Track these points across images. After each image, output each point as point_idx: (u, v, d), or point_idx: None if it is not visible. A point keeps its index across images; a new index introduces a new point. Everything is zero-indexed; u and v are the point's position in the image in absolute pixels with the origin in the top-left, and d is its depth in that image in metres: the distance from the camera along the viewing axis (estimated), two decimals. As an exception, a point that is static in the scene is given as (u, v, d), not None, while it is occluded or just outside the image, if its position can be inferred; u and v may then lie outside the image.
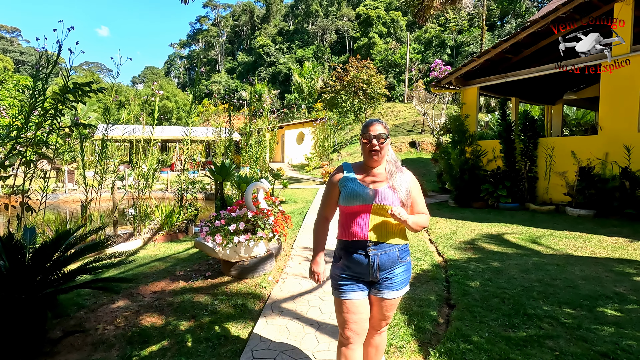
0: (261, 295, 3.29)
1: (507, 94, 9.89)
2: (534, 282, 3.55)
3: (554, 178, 7.16)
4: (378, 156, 1.71)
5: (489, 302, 3.15)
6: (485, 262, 4.21)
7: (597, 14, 6.80)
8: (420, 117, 23.67)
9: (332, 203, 1.83)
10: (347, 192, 1.71)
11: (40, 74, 4.60)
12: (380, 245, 1.67)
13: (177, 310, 3.00)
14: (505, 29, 41.53)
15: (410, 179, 1.78)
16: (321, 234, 1.83)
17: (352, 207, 1.69)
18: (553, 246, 4.82)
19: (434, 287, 3.58)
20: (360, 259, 1.67)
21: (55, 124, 4.80)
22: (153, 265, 4.18)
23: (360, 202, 1.67)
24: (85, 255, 2.57)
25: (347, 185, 1.73)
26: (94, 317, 2.95)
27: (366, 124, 1.76)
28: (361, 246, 1.67)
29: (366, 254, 1.66)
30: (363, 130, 1.75)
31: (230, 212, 3.66)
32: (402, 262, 1.73)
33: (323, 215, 1.85)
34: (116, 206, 5.62)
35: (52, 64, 4.53)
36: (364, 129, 1.74)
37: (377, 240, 1.66)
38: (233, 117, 9.00)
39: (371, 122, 1.74)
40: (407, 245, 1.78)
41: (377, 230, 1.66)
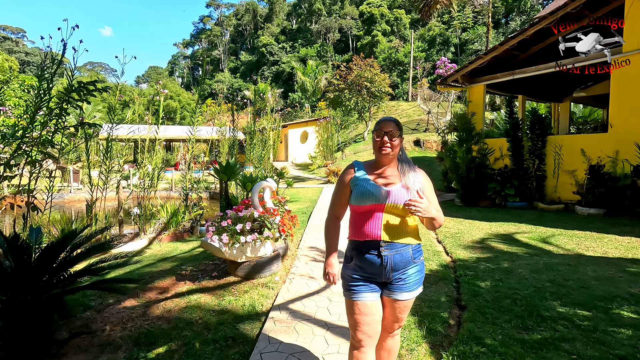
0: (268, 295, 3.24)
1: (514, 92, 9.78)
2: (546, 283, 3.47)
3: (562, 176, 7.06)
4: (389, 153, 1.67)
5: (501, 303, 3.09)
6: (495, 262, 4.14)
7: (607, 9, 6.68)
8: (424, 115, 23.53)
9: (342, 202, 1.79)
10: (359, 191, 1.66)
11: (45, 74, 4.58)
12: (393, 245, 1.62)
13: (184, 311, 2.97)
14: (510, 26, 41.18)
15: (424, 178, 1.75)
16: (332, 233, 1.80)
17: (365, 207, 1.65)
18: (564, 246, 4.74)
19: (443, 287, 3.53)
20: (373, 259, 1.62)
21: (61, 123, 4.79)
22: (159, 265, 4.16)
23: (372, 202, 1.63)
24: (91, 256, 2.54)
25: (359, 184, 1.69)
26: (101, 318, 2.92)
27: (379, 121, 1.74)
28: (374, 246, 1.62)
29: (379, 254, 1.61)
30: (375, 127, 1.74)
31: (236, 211, 3.62)
32: (416, 262, 1.68)
33: (334, 215, 1.81)
34: (121, 206, 5.61)
35: (56, 63, 4.51)
36: (377, 126, 1.73)
37: (390, 240, 1.62)
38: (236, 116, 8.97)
39: (384, 119, 1.72)
40: (420, 245, 1.74)
41: (389, 229, 1.62)
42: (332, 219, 1.81)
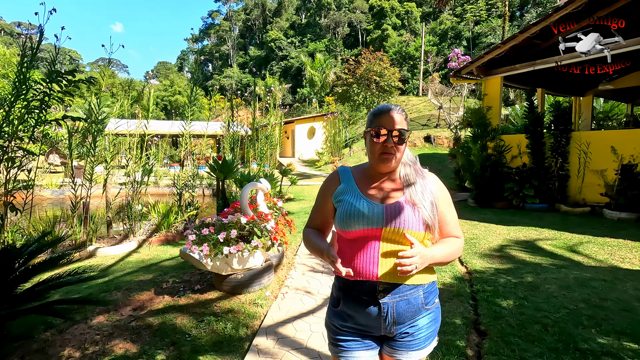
0: (255, 315, 2.82)
1: (533, 85, 9.12)
2: (579, 303, 2.97)
3: (588, 176, 6.45)
4: (392, 162, 1.17)
5: (528, 329, 2.61)
6: (517, 275, 3.64)
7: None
8: (435, 111, 22.81)
9: (324, 220, 1.32)
10: (345, 210, 1.18)
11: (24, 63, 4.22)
12: (397, 289, 1.14)
13: (155, 334, 2.56)
14: (525, 19, 39.82)
15: (437, 187, 1.24)
16: (312, 234, 1.30)
17: (353, 232, 1.16)
18: (594, 256, 4.20)
19: (458, 306, 3.06)
20: (367, 307, 1.15)
21: (42, 116, 4.43)
22: (140, 274, 3.77)
23: (364, 225, 1.14)
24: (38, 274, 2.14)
25: (345, 200, 1.20)
26: (61, 340, 2.53)
27: (377, 111, 1.19)
28: (368, 289, 1.15)
29: (376, 301, 1.14)
30: (372, 121, 1.19)
31: (223, 216, 3.20)
32: (429, 309, 1.20)
33: (313, 226, 1.35)
34: (109, 205, 5.25)
35: (34, 48, 4.15)
36: (374, 119, 1.19)
37: (392, 281, 1.14)
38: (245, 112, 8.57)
39: (385, 109, 1.18)
40: (435, 283, 1.25)
41: (390, 265, 1.13)
42: (311, 231, 1.34)
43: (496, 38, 36.61)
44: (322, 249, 1.16)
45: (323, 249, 1.16)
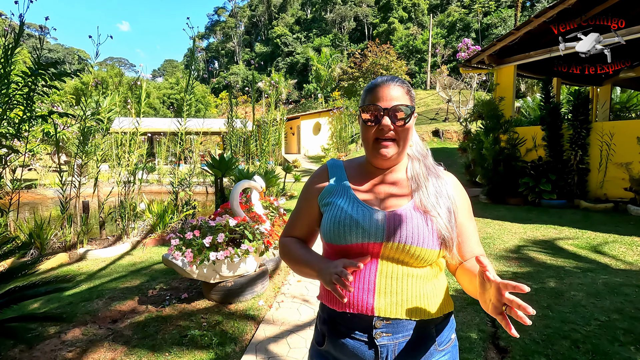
0: (245, 329, 2.53)
1: (548, 74, 8.63)
2: (612, 314, 2.62)
3: (611, 170, 6.01)
4: (391, 152, 0.86)
5: (555, 345, 2.27)
6: (538, 280, 3.29)
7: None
8: (443, 104, 22.23)
9: (308, 229, 1.00)
10: (333, 217, 0.87)
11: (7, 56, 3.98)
12: (400, 326, 0.83)
13: (132, 351, 2.29)
14: (535, 8, 38.74)
15: (455, 190, 0.93)
16: (293, 246, 0.98)
17: (343, 247, 0.86)
18: (623, 257, 3.82)
19: (474, 316, 2.73)
20: (359, 350, 0.84)
21: (28, 112, 4.21)
22: (128, 280, 3.51)
23: (358, 239, 0.84)
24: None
25: (334, 204, 0.90)
26: (28, 357, 2.28)
27: (370, 85, 0.89)
28: (361, 325, 0.84)
29: (371, 343, 0.83)
30: (364, 99, 0.89)
31: (212, 218, 2.91)
32: (442, 350, 0.88)
33: (293, 236, 1.03)
34: (102, 205, 5.01)
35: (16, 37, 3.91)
36: (366, 96, 0.89)
37: (392, 316, 0.82)
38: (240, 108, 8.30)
39: (381, 82, 0.87)
40: (452, 315, 0.93)
41: (391, 293, 0.82)
42: (287, 242, 1.02)
43: (506, 29, 35.68)
44: (316, 264, 0.86)
45: (318, 265, 0.85)
